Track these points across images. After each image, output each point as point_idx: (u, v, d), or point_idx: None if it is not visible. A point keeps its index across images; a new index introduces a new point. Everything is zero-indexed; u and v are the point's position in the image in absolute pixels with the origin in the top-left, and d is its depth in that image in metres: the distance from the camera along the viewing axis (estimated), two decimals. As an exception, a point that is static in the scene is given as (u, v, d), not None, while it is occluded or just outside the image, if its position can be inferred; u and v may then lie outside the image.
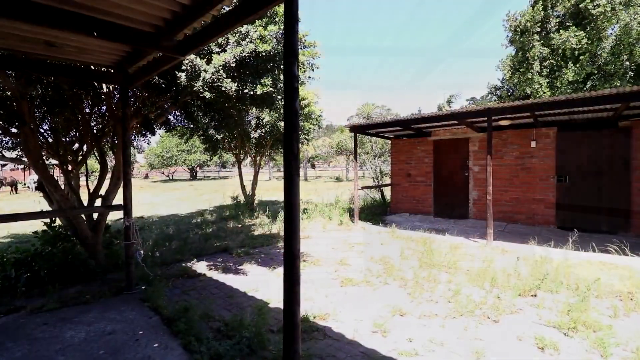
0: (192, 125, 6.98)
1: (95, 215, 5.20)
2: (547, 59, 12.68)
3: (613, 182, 7.04)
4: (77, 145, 5.57)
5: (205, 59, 4.41)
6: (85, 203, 5.18)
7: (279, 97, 4.86)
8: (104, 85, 4.87)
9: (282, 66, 4.51)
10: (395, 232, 7.41)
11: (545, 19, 13.02)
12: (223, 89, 4.36)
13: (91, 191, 5.21)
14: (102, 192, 5.21)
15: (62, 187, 5.07)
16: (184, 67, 4.31)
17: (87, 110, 5.32)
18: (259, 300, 3.84)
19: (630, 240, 5.98)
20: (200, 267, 5.25)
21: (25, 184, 25.04)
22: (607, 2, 11.10)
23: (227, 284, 4.50)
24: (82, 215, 4.89)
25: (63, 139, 5.42)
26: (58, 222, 5.09)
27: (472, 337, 3.02)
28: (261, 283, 4.48)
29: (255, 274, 4.88)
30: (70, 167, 5.30)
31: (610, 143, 7.09)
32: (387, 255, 5.65)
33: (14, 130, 4.77)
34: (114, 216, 9.13)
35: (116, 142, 5.31)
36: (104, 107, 5.38)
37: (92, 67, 4.32)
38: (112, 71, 4.23)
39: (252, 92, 4.54)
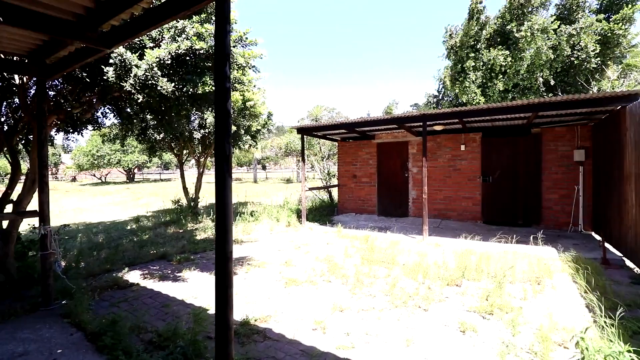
0: (127, 124, 6.45)
1: (5, 224, 4.57)
2: (480, 70, 14.05)
3: (527, 181, 8.02)
4: (-19, 144, 4.85)
5: (137, 54, 4.12)
6: (-7, 210, 4.52)
7: None
8: (16, 76, 4.31)
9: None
10: (341, 231, 7.62)
11: (477, 37, 14.43)
12: (159, 88, 4.10)
13: (0, 196, 4.57)
14: (14, 197, 4.60)
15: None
16: (112, 61, 3.98)
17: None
18: (197, 307, 3.69)
19: (541, 232, 6.84)
20: (134, 276, 4.89)
21: None
22: (528, 27, 12.68)
23: (163, 292, 4.25)
24: (-12, 224, 4.27)
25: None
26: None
27: (404, 326, 3.23)
28: (201, 289, 4.32)
29: (195, 281, 4.68)
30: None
31: (525, 147, 8.07)
32: (331, 254, 5.79)
33: None
34: (31, 224, 8.10)
35: (32, 140, 4.72)
36: (17, 101, 4.76)
37: (2, 55, 3.81)
38: (26, 61, 3.77)
39: (191, 91, 4.35)
